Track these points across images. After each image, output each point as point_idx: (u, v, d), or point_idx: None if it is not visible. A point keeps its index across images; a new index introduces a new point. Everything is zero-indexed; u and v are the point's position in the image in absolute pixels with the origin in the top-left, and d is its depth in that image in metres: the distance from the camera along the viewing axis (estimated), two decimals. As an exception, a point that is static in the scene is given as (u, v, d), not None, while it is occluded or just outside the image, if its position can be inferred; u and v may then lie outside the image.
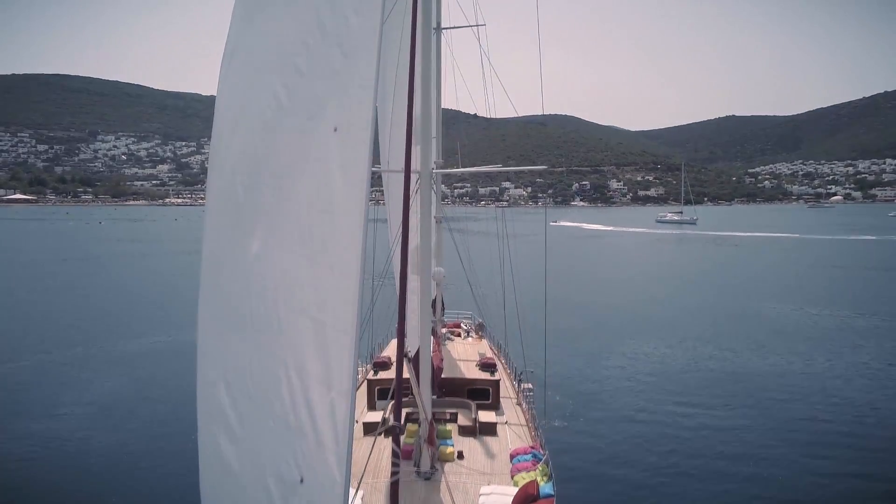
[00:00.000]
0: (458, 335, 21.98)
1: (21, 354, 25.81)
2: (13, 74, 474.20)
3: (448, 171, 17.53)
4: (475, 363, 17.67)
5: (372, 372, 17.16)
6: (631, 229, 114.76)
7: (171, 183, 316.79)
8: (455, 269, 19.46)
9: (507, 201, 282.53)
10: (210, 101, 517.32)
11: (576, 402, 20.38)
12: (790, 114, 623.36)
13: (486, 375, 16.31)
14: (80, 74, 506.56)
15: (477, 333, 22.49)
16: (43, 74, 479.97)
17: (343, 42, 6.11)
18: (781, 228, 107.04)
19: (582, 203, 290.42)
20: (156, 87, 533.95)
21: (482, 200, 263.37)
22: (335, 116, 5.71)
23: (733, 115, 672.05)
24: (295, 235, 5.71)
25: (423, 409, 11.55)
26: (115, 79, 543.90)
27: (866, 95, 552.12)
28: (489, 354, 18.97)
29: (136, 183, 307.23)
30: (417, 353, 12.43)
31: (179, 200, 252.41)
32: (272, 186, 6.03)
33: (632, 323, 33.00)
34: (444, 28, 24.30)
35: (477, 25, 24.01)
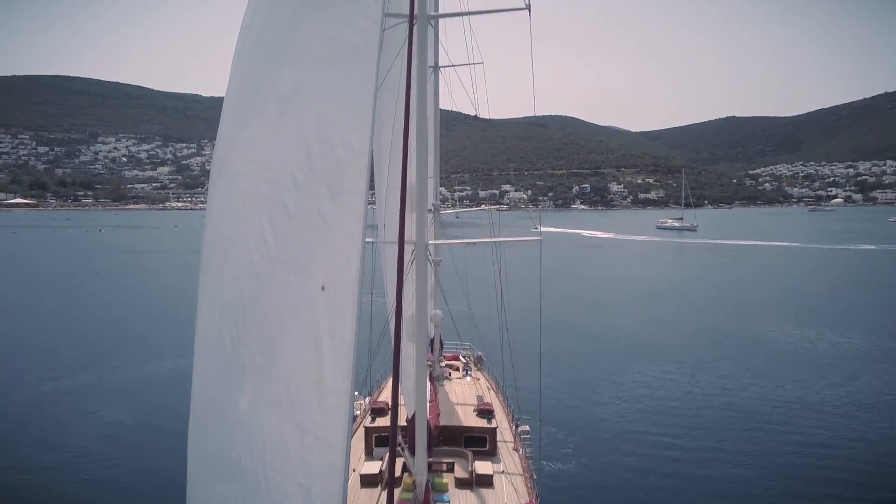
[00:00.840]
0: (457, 369, 22.05)
1: (20, 380, 25.61)
2: (14, 76, 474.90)
3: (443, 241, 17.51)
4: (472, 408, 17.71)
5: (370, 418, 17.18)
6: (631, 237, 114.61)
7: (172, 186, 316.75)
8: (450, 288, 19.48)
9: (507, 204, 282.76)
10: (210, 102, 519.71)
11: (573, 442, 20.41)
12: (790, 115, 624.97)
13: (483, 422, 16.35)
14: (81, 75, 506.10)
15: (476, 366, 22.62)
16: (44, 76, 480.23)
17: (331, 180, 6.18)
18: (781, 236, 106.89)
19: (582, 206, 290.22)
20: (156, 89, 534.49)
21: (482, 204, 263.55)
22: (322, 272, 5.73)
23: (734, 116, 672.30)
24: (283, 401, 5.69)
25: (417, 474, 11.65)
26: (115, 80, 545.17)
27: (867, 96, 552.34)
28: (486, 398, 19.00)
29: (136, 186, 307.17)
30: (414, 416, 12.50)
31: (180, 204, 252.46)
32: (260, 344, 6.05)
33: (630, 348, 32.89)
34: (441, 66, 24.37)
35: (473, 63, 24.06)
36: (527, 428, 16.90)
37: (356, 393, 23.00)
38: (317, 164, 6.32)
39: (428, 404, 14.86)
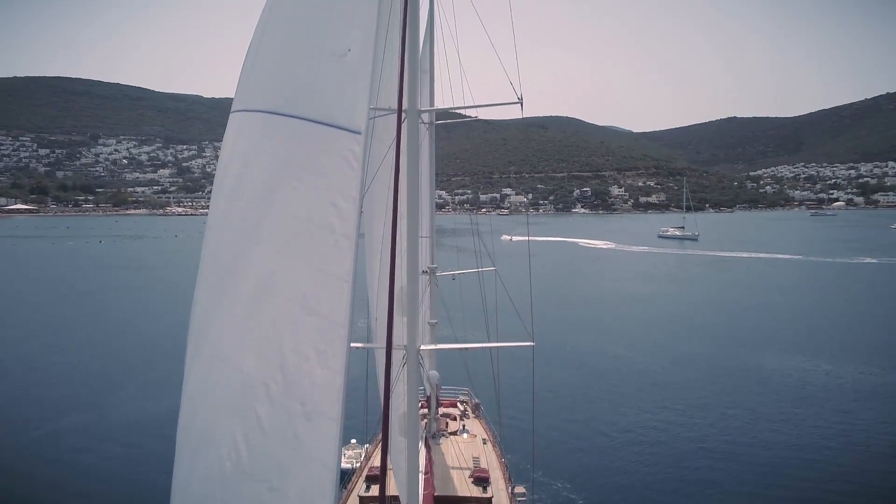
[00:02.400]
0: (454, 418, 21.89)
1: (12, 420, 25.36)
2: (14, 77, 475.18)
3: (437, 346, 17.21)
4: (469, 473, 17.61)
5: (364, 487, 17.04)
6: (632, 248, 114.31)
7: (172, 189, 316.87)
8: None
9: (507, 208, 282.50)
10: (211, 103, 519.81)
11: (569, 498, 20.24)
12: (791, 115, 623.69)
13: (478, 491, 16.35)
14: (82, 77, 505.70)
15: (473, 413, 22.51)
16: (44, 77, 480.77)
17: (305, 399, 6.30)
18: (783, 248, 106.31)
19: (583, 210, 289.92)
20: (157, 90, 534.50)
21: (483, 208, 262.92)
22: (296, 492, 6.01)
23: (735, 117, 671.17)
24: None
25: None
26: (116, 81, 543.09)
27: (868, 97, 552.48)
28: (483, 459, 18.87)
29: (137, 189, 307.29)
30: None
31: (180, 209, 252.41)
32: None
33: (629, 380, 32.53)
34: (438, 122, 24.15)
35: (468, 118, 23.82)
36: (523, 490, 16.87)
37: (353, 440, 22.89)
38: (291, 376, 6.42)
39: (422, 477, 14.73)
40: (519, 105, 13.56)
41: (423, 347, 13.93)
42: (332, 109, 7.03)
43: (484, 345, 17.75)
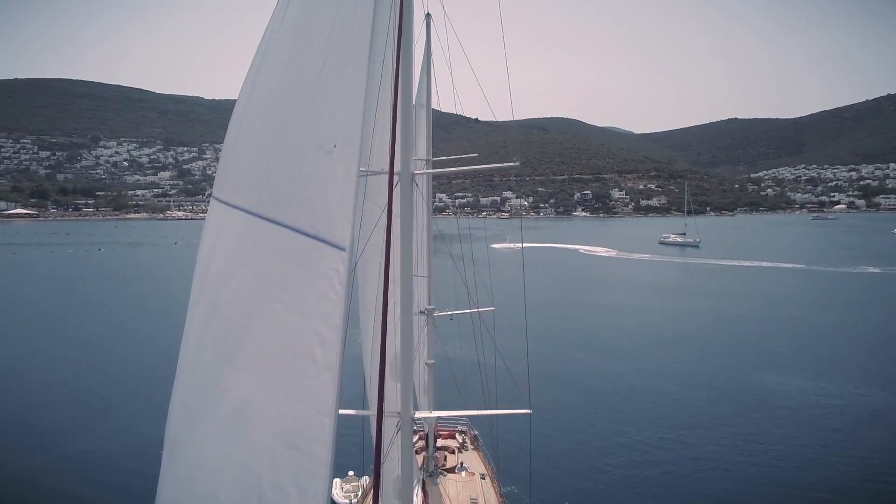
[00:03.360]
0: (452, 451, 21.63)
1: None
2: (15, 79, 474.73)
3: (431, 414, 16.90)
4: None
5: None
6: (633, 256, 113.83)
7: (173, 192, 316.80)
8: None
9: (508, 212, 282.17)
10: (211, 104, 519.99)
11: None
12: (792, 116, 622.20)
13: None
14: (83, 78, 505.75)
15: (472, 445, 22.29)
16: (45, 79, 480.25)
17: None
18: (786, 255, 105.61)
19: (584, 213, 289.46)
20: (157, 91, 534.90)
21: (483, 211, 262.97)
22: None
23: (735, 118, 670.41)
24: None
25: None
26: (116, 82, 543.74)
27: (869, 98, 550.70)
28: (481, 500, 18.64)
29: (137, 192, 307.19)
30: None
31: (181, 214, 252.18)
32: None
33: (630, 403, 32.16)
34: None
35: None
36: None
37: (351, 472, 22.59)
38: None
39: None
40: (516, 164, 13.20)
41: (417, 415, 13.64)
42: (315, 218, 6.65)
43: (482, 412, 17.48)
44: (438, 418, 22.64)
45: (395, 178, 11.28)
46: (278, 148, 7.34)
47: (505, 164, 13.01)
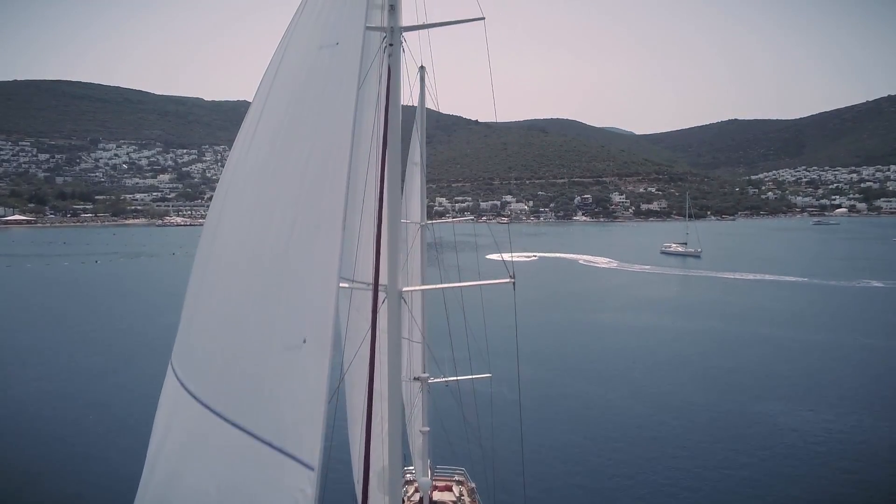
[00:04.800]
0: None
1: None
2: (15, 81, 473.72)
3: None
4: None
5: None
6: (634, 267, 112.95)
7: (172, 196, 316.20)
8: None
9: (508, 216, 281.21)
10: (211, 106, 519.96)
11: None
12: (793, 117, 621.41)
13: None
14: (82, 80, 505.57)
15: (470, 499, 21.60)
16: (44, 80, 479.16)
17: None
18: (788, 268, 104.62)
19: (584, 218, 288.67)
20: (157, 92, 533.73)
21: (483, 216, 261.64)
22: None
23: (736, 119, 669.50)
24: None
25: None
26: (115, 83, 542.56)
27: (869, 99, 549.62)
28: None
29: (136, 196, 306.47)
30: None
31: (180, 220, 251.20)
32: None
33: (629, 436, 31.44)
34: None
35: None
36: None
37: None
38: None
39: None
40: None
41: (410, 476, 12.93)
42: (282, 427, 5.80)
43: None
44: (435, 466, 22.08)
45: (382, 295, 10.50)
46: (240, 339, 6.50)
47: (496, 282, 12.93)
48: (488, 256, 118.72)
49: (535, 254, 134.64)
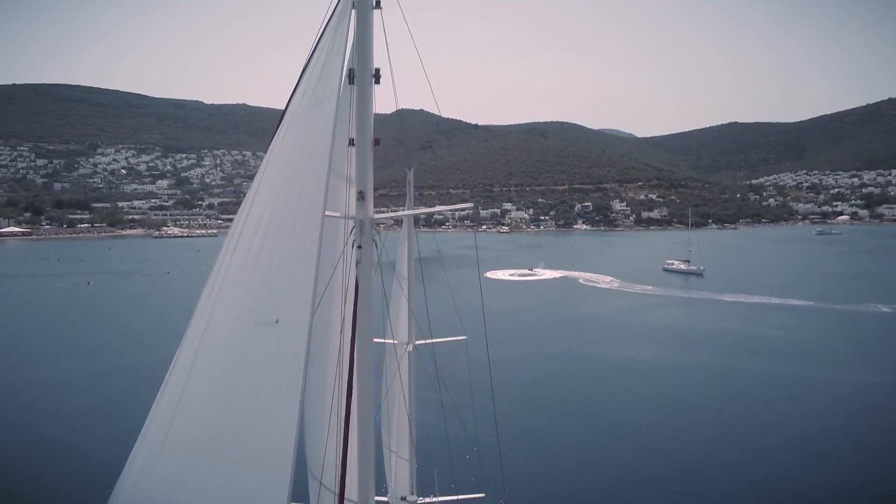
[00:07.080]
0: None
1: None
2: (13, 84, 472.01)
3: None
4: None
5: None
6: (635, 287, 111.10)
7: (170, 203, 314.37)
8: None
9: (508, 225, 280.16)
10: (211, 110, 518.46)
11: None
12: (793, 120, 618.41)
13: None
14: (81, 83, 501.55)
15: None
16: (43, 84, 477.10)
17: None
18: (793, 290, 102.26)
19: (585, 226, 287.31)
20: (156, 96, 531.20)
21: (483, 224, 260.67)
22: None
23: (736, 122, 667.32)
24: None
25: None
26: (114, 87, 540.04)
27: (870, 102, 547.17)
28: None
29: (134, 203, 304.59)
30: None
31: (177, 230, 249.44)
32: None
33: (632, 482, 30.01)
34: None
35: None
36: None
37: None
38: None
39: None
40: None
41: None
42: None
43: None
44: None
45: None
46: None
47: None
48: (487, 274, 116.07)
49: (534, 270, 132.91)
